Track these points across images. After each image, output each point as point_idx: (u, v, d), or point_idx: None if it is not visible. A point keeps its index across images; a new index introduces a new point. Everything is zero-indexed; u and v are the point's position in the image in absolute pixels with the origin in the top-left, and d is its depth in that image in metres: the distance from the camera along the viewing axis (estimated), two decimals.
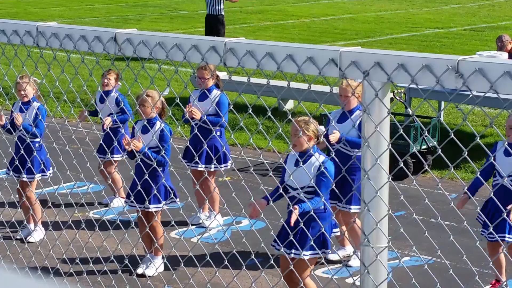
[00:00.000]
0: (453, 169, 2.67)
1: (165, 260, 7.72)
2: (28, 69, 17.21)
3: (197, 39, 3.05)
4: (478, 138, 2.51)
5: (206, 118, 8.44)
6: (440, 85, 2.43)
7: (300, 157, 6.46)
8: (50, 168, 8.59)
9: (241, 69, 2.91)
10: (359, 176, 7.31)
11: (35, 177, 8.49)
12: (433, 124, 11.06)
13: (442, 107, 12.76)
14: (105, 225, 5.26)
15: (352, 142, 7.50)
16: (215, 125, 8.62)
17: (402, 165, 2.76)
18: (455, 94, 2.85)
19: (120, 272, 5.38)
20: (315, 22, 27.49)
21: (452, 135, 2.58)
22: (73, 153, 5.26)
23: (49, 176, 8.55)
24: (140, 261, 7.85)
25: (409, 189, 9.84)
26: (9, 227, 7.84)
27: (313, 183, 6.34)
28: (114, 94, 9.47)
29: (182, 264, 4.35)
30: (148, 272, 7.77)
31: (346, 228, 7.89)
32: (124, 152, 8.64)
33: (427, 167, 2.61)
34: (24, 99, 8.44)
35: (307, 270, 6.43)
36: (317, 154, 6.42)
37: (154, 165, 7.49)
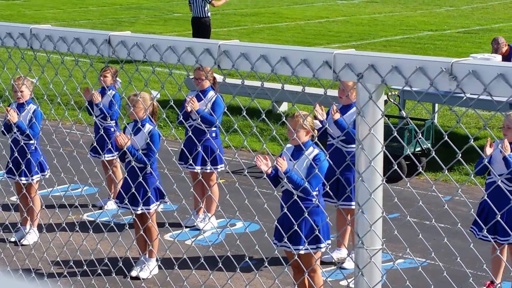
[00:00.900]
0: (447, 171, 2.67)
1: (159, 263, 7.71)
2: (22, 71, 17.19)
3: (191, 41, 3.05)
4: (472, 140, 2.51)
5: (201, 113, 8.51)
6: (434, 87, 2.43)
7: (296, 150, 6.54)
8: (47, 170, 8.58)
9: (235, 71, 2.91)
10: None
11: (34, 179, 8.48)
12: (427, 126, 11.08)
13: (436, 109, 12.77)
14: (99, 227, 5.25)
15: (350, 134, 7.58)
16: (209, 123, 8.63)
17: (396, 167, 2.76)
18: (449, 97, 2.85)
19: (114, 274, 5.38)
20: (309, 25, 27.51)
21: (446, 137, 2.58)
22: (67, 155, 5.25)
23: (47, 173, 8.54)
24: (134, 263, 7.84)
25: (403, 191, 9.85)
26: (2, 229, 7.82)
27: (304, 174, 6.42)
28: (112, 92, 9.43)
29: (176, 267, 4.34)
30: (142, 274, 7.76)
31: (340, 228, 7.91)
32: (116, 152, 8.65)
33: (421, 169, 2.62)
34: (19, 100, 8.42)
35: (311, 264, 6.50)
36: (311, 148, 6.50)
37: (147, 167, 7.49)
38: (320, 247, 6.58)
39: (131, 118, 7.80)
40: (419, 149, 10.90)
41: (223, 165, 9.00)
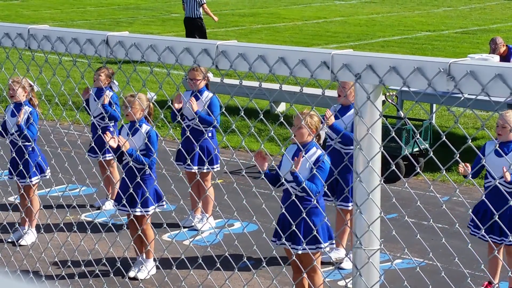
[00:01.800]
0: (444, 171, 2.68)
1: (157, 263, 7.71)
2: (20, 71, 17.17)
3: (189, 41, 3.05)
4: (470, 140, 2.52)
5: (199, 114, 8.50)
6: (431, 87, 2.43)
7: (299, 150, 6.54)
8: (46, 170, 8.56)
9: (233, 71, 2.91)
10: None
11: (32, 180, 8.47)
12: (425, 126, 11.08)
13: (434, 109, 12.78)
14: (97, 228, 5.25)
15: (347, 137, 7.57)
16: (207, 123, 8.63)
17: (394, 167, 2.76)
18: (447, 97, 2.85)
19: (112, 275, 5.37)
20: (307, 25, 27.51)
21: (444, 138, 2.58)
22: (65, 156, 5.25)
23: (47, 174, 8.52)
24: (132, 264, 7.83)
25: (401, 191, 9.86)
26: (0, 230, 7.82)
27: (307, 174, 6.42)
28: (109, 93, 9.37)
29: (174, 267, 4.34)
30: (140, 275, 7.76)
31: (339, 228, 7.92)
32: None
33: (419, 169, 2.62)
34: (12, 99, 8.43)
35: (309, 264, 6.49)
36: (314, 148, 6.49)
37: (145, 167, 7.48)
38: (320, 248, 6.57)
39: (128, 119, 7.79)
40: (417, 149, 10.91)
41: (219, 165, 9.00)
